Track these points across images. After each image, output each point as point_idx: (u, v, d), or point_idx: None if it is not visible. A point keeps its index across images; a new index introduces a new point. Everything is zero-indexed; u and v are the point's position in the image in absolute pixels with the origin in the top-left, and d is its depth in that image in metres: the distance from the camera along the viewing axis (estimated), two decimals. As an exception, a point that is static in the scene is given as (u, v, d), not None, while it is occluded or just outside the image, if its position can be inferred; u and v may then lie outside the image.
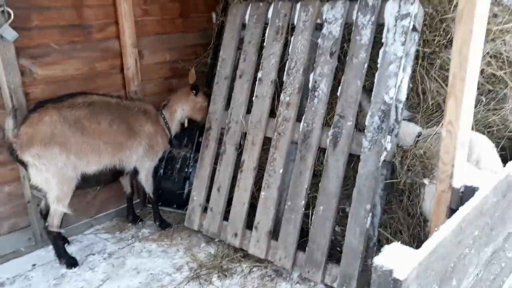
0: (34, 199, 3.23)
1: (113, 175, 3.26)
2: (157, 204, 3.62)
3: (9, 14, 2.89)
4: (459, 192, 2.10)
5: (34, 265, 3.14)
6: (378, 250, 2.55)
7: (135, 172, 3.45)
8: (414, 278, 1.44)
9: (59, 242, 3.07)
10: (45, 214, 3.08)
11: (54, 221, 2.99)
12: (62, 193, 2.93)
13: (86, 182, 3.07)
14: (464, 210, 1.77)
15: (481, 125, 3.00)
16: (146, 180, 3.50)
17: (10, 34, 2.91)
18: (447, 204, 2.14)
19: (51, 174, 2.87)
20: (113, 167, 3.17)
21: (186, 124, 3.68)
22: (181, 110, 3.60)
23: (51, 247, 3.21)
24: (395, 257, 1.44)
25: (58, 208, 2.96)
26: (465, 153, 2.14)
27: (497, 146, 2.99)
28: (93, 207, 3.62)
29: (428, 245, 1.51)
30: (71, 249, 3.29)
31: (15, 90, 3.02)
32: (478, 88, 2.91)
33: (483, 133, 2.98)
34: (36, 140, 2.79)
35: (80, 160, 2.97)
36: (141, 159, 3.38)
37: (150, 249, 3.31)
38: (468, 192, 2.08)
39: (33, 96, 3.15)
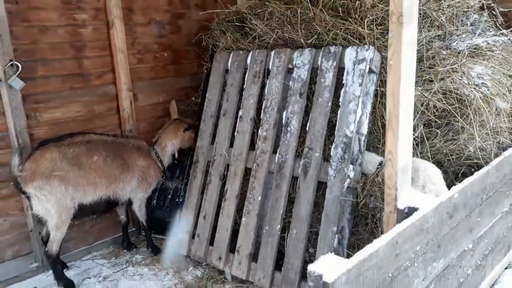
0: (36, 228, 3.56)
1: (108, 205, 3.61)
2: (150, 231, 3.94)
3: (17, 67, 3.33)
4: (403, 212, 2.40)
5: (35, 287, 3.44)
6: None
7: (129, 203, 3.79)
8: (343, 283, 1.69)
9: (57, 266, 3.37)
10: (45, 241, 3.40)
11: (53, 247, 3.30)
12: (61, 221, 3.27)
13: (83, 212, 3.42)
14: (399, 227, 2.05)
15: (441, 154, 3.31)
16: (139, 210, 3.83)
17: (18, 83, 3.34)
18: (394, 224, 2.44)
19: (51, 204, 3.22)
20: (107, 197, 3.52)
21: (176, 155, 4.03)
22: (171, 145, 3.94)
23: (51, 271, 3.52)
24: (327, 265, 1.72)
25: (57, 234, 3.29)
26: (407, 178, 2.46)
27: (458, 173, 3.31)
28: (91, 236, 3.94)
29: (358, 255, 1.78)
30: (69, 274, 3.58)
31: (21, 131, 3.42)
32: (435, 122, 3.28)
33: (444, 162, 3.30)
34: (38, 174, 3.16)
35: (77, 191, 3.33)
36: (135, 191, 3.73)
37: (142, 272, 3.60)
38: (411, 212, 2.36)
39: (37, 137, 3.54)
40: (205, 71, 4.36)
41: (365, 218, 3.18)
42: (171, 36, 4.33)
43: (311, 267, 1.69)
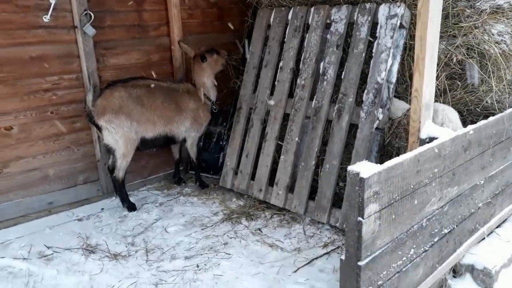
0: (103, 159, 4.14)
1: (166, 141, 4.17)
2: (198, 168, 4.46)
3: (91, 16, 3.83)
4: (425, 142, 2.83)
5: (102, 209, 4.05)
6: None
7: (184, 141, 4.29)
8: (376, 181, 2.15)
9: (123, 189, 3.96)
10: (111, 169, 3.99)
11: (119, 173, 3.89)
12: (127, 151, 3.83)
13: (145, 145, 3.98)
14: (421, 148, 2.49)
15: (461, 105, 3.70)
16: (191, 148, 4.33)
17: (91, 31, 3.84)
18: (417, 152, 2.88)
19: (119, 136, 3.77)
20: (165, 134, 4.07)
21: (215, 83, 4.34)
22: (206, 79, 4.24)
23: (114, 197, 4.17)
24: (363, 167, 2.19)
25: (123, 162, 3.86)
26: (429, 113, 2.89)
27: (475, 122, 3.69)
28: (146, 170, 4.52)
29: (387, 163, 2.25)
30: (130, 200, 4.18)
31: (92, 73, 3.95)
32: (458, 75, 3.65)
33: (463, 111, 3.69)
34: (108, 109, 3.71)
35: (140, 126, 3.87)
36: (189, 130, 4.21)
37: (192, 201, 4.17)
38: (431, 142, 2.80)
39: (104, 79, 4.08)
40: (247, 28, 4.79)
41: (390, 156, 3.63)
42: (217, -6, 4.77)
43: (350, 168, 2.14)
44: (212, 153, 4.67)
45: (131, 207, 3.96)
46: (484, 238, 3.24)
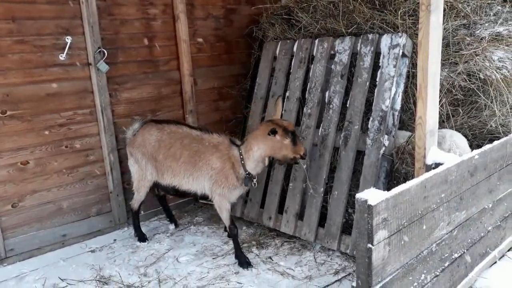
0: (115, 190, 4.22)
1: (185, 193, 3.79)
2: (234, 239, 3.63)
3: (104, 53, 4.00)
4: (431, 167, 2.89)
5: (115, 240, 4.11)
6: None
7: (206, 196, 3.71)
8: (384, 208, 2.21)
9: (136, 219, 4.04)
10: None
11: (134, 204, 3.99)
12: (139, 186, 3.93)
13: (163, 189, 3.91)
14: (427, 174, 2.55)
15: (466, 129, 3.76)
16: (219, 211, 3.64)
17: (104, 67, 4.01)
18: (423, 178, 2.93)
19: (135, 170, 3.91)
20: (183, 188, 3.71)
21: (266, 163, 3.54)
22: (257, 149, 3.42)
23: (126, 228, 4.24)
24: (371, 194, 2.24)
25: (137, 195, 3.96)
26: (434, 139, 2.95)
27: (480, 146, 3.74)
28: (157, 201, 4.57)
29: (395, 190, 2.31)
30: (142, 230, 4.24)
31: (105, 108, 4.09)
32: (461, 101, 3.73)
33: (468, 135, 3.74)
34: (132, 142, 3.89)
35: (155, 170, 3.79)
36: (212, 190, 3.60)
37: (203, 230, 4.22)
38: (438, 167, 2.85)
39: (116, 113, 4.22)
40: (254, 60, 4.95)
41: (397, 182, 3.67)
42: (225, 29, 4.95)
43: (358, 195, 2.20)
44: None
45: (141, 238, 4.02)
46: (496, 262, 3.24)
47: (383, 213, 2.21)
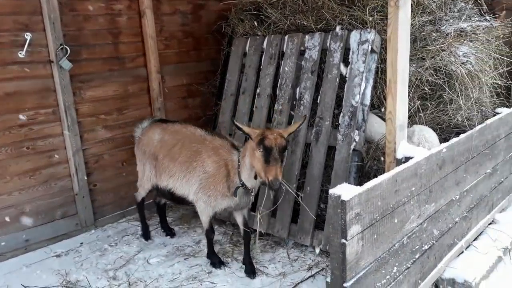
0: (81, 192, 4.07)
1: (180, 199, 3.55)
2: (209, 244, 3.52)
3: (67, 50, 3.83)
4: (401, 161, 2.92)
5: (81, 243, 3.96)
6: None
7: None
8: (357, 203, 2.20)
9: (142, 212, 4.00)
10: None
11: (137, 197, 3.95)
12: (141, 182, 3.86)
13: (161, 193, 3.73)
14: (398, 168, 2.57)
15: (434, 123, 3.83)
16: (200, 215, 3.42)
17: (67, 65, 3.85)
18: (394, 172, 2.96)
19: (139, 166, 3.86)
20: (174, 191, 3.51)
21: (253, 176, 3.12)
22: (246, 155, 3.10)
23: (93, 231, 4.12)
24: (343, 189, 2.23)
25: (140, 190, 3.90)
26: (404, 134, 2.98)
27: (447, 139, 3.82)
28: (125, 201, 4.45)
29: (367, 185, 2.31)
30: (108, 233, 4.13)
31: (69, 107, 3.93)
32: (429, 95, 3.80)
33: (436, 129, 3.82)
34: (138, 140, 3.82)
35: (154, 171, 3.65)
36: (196, 194, 3.34)
37: (174, 231, 4.12)
38: (408, 161, 2.88)
39: (81, 112, 4.06)
40: (223, 57, 4.89)
41: (368, 178, 3.71)
42: (193, 25, 4.86)
43: (331, 191, 2.19)
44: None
45: (144, 235, 3.98)
46: (462, 252, 3.32)
47: (356, 208, 2.21)
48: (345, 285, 2.21)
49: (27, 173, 3.79)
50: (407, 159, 2.88)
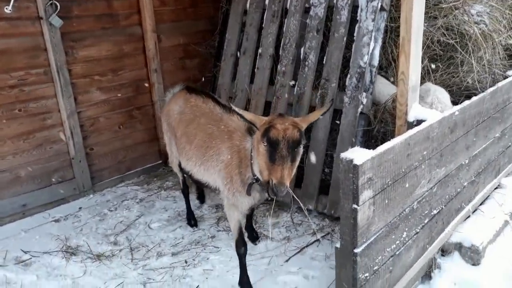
0: (77, 156, 3.95)
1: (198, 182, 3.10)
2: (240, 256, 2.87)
3: (56, 6, 3.60)
4: (412, 125, 2.81)
5: (80, 208, 3.88)
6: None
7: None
8: (369, 168, 2.10)
9: (185, 196, 3.57)
10: None
11: (171, 162, 3.49)
12: (171, 152, 3.40)
13: (186, 173, 3.25)
14: (411, 131, 2.46)
15: (443, 86, 3.69)
16: (227, 214, 2.87)
17: (57, 21, 3.62)
18: (404, 135, 2.86)
19: (165, 135, 3.46)
20: (193, 175, 3.05)
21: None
22: (255, 149, 2.47)
23: (92, 195, 4.03)
24: (356, 153, 2.12)
25: (171, 157, 3.43)
26: (416, 96, 2.86)
27: (457, 103, 3.71)
28: (124, 165, 4.34)
29: (379, 149, 2.20)
30: (107, 197, 4.04)
31: (61, 67, 3.73)
32: (440, 56, 3.65)
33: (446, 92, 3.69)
34: (163, 110, 3.49)
35: (175, 147, 3.24)
36: (223, 188, 2.79)
37: (174, 195, 4.05)
38: (420, 124, 2.77)
39: (74, 72, 3.87)
40: (222, 14, 4.64)
41: (375, 141, 3.61)
42: (191, -21, 4.58)
43: (343, 155, 2.08)
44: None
45: (189, 221, 3.56)
46: (469, 216, 3.29)
47: (368, 173, 2.13)
48: (355, 250, 2.16)
49: (21, 137, 3.65)
50: (418, 122, 2.78)
